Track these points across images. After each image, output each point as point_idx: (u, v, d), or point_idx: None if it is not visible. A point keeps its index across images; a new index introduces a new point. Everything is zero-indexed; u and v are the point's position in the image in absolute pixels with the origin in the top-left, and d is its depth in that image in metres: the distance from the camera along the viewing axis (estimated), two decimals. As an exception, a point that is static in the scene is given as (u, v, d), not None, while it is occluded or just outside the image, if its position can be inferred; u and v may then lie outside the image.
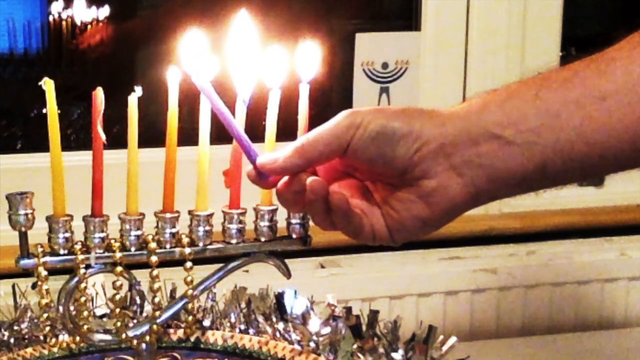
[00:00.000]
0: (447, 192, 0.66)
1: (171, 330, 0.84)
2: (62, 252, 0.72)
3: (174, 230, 0.74)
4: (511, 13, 1.38)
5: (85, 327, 0.75)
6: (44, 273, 0.72)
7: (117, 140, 0.77)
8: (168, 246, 0.74)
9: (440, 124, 0.66)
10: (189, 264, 0.74)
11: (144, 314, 0.87)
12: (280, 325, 0.84)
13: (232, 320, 0.86)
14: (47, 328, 0.75)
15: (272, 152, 0.68)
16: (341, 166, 0.70)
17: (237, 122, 0.69)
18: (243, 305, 0.88)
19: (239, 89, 0.70)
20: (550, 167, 0.65)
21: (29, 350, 0.82)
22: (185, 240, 0.74)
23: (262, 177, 0.68)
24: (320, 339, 0.81)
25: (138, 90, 0.70)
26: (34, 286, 0.73)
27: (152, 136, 0.94)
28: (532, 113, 0.64)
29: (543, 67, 0.69)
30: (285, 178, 0.68)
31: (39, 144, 1.22)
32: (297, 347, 0.82)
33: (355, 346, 0.80)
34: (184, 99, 0.72)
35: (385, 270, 1.28)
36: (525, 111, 0.65)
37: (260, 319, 0.86)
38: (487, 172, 0.66)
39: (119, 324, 0.76)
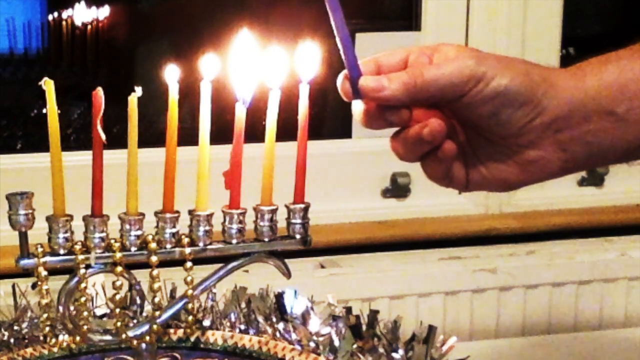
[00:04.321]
0: (546, 164, 0.66)
1: (171, 330, 0.84)
2: (62, 252, 0.72)
3: (174, 230, 0.74)
4: (511, 13, 1.38)
5: (85, 327, 0.75)
6: (44, 273, 0.72)
7: (117, 140, 0.77)
8: (168, 246, 0.74)
9: (559, 95, 0.64)
10: (189, 264, 0.74)
11: (144, 314, 0.87)
12: (280, 325, 0.84)
13: (232, 320, 0.86)
14: (47, 328, 0.75)
15: (378, 77, 0.65)
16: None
17: (348, 34, 0.65)
18: (243, 305, 0.88)
19: (239, 90, 0.70)
20: None
21: (29, 350, 0.82)
22: (185, 240, 0.74)
23: (356, 96, 0.66)
24: (320, 339, 0.81)
25: (138, 90, 0.70)
26: (34, 286, 0.73)
27: (152, 136, 0.94)
28: None
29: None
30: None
31: (39, 144, 1.23)
32: (297, 347, 0.81)
33: (355, 346, 0.80)
34: (184, 99, 0.72)
35: (385, 270, 1.28)
36: None
37: (260, 319, 0.86)
38: (591, 149, 0.65)
39: (119, 324, 0.75)
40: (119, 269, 0.73)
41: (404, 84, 0.64)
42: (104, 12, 1.50)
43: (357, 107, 0.67)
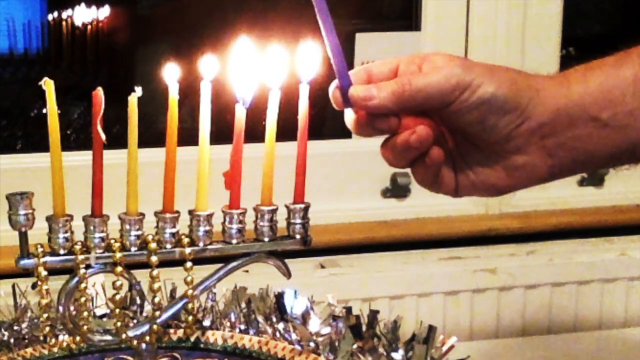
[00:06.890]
0: (533, 170, 0.67)
1: (171, 330, 0.84)
2: (62, 252, 0.72)
3: (174, 230, 0.74)
4: (511, 13, 1.38)
5: (85, 327, 0.75)
6: (44, 273, 0.72)
7: (117, 140, 0.77)
8: (168, 246, 0.74)
9: (544, 101, 0.65)
10: (189, 264, 0.74)
11: (144, 314, 0.87)
12: (280, 325, 0.84)
13: (232, 320, 0.86)
14: (47, 328, 0.75)
15: (367, 86, 0.66)
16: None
17: (338, 43, 0.66)
18: (243, 305, 0.88)
19: (239, 90, 0.70)
20: (639, 149, 0.65)
21: (29, 350, 0.82)
22: (185, 240, 0.74)
23: (346, 104, 0.67)
24: (320, 339, 0.81)
25: (138, 90, 0.70)
26: (34, 286, 0.73)
27: (152, 136, 0.94)
28: (630, 95, 0.64)
29: (543, 67, 0.69)
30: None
31: (39, 144, 1.23)
32: (297, 347, 0.81)
33: (355, 346, 0.80)
34: (184, 99, 0.72)
35: (385, 270, 1.28)
36: (625, 92, 0.64)
37: (260, 319, 0.86)
38: (577, 154, 0.66)
39: (119, 324, 0.75)
40: (119, 269, 0.73)
41: (393, 93, 0.65)
42: (104, 13, 1.50)
43: (349, 116, 0.68)
